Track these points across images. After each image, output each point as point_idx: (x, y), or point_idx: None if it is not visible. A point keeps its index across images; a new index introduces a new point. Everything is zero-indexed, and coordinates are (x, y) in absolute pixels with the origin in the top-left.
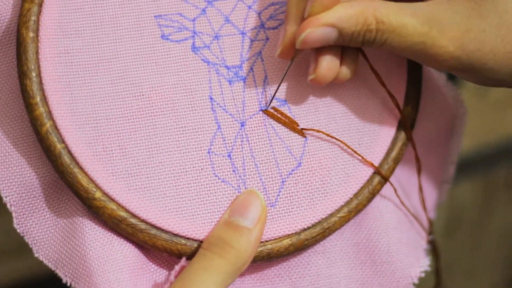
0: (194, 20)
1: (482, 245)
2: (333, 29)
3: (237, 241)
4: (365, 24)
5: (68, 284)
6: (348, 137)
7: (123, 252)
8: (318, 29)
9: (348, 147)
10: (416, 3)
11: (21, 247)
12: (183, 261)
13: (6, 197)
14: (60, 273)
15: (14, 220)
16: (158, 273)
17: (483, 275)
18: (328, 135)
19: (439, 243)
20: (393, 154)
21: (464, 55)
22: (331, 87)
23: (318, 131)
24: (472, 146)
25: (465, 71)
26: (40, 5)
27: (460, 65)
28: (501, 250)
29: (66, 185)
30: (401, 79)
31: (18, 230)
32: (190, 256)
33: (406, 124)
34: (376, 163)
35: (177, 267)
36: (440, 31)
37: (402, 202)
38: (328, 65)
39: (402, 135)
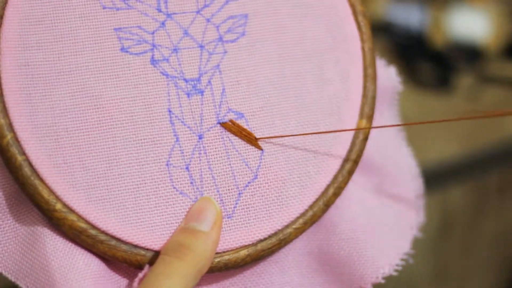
0: (153, 33)
1: (475, 249)
2: None
3: (194, 244)
4: None
5: None
6: (304, 150)
7: (85, 262)
8: None
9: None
10: None
11: None
12: (146, 268)
13: None
14: (21, 284)
15: None
16: (121, 282)
17: (476, 279)
18: (283, 136)
19: (432, 247)
20: (348, 166)
21: None
22: (287, 100)
23: (273, 137)
24: (464, 150)
25: None
26: (1, 17)
27: None
28: (494, 254)
29: (27, 197)
30: (357, 93)
31: None
32: (151, 265)
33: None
34: (331, 175)
35: (140, 274)
36: None
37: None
38: None
39: (357, 147)
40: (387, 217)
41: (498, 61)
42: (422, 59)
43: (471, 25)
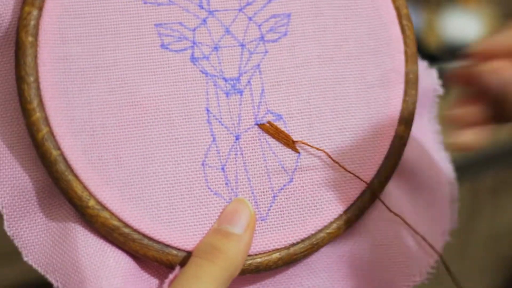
0: (194, 30)
1: (469, 250)
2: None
3: (227, 247)
4: None
5: None
6: (342, 154)
7: (116, 260)
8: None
9: (339, 164)
10: None
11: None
12: (177, 269)
13: None
14: (50, 278)
15: (5, 223)
16: (151, 282)
17: (471, 280)
18: (318, 149)
19: None
20: (385, 172)
21: None
22: (327, 103)
23: (314, 147)
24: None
25: None
26: (41, 9)
27: None
28: (488, 256)
29: (60, 192)
30: (398, 97)
31: (8, 233)
32: (182, 266)
33: (397, 143)
34: (368, 180)
35: (171, 276)
36: None
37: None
38: (471, 140)
39: (395, 153)
40: (420, 223)
41: None
42: None
43: (465, 27)
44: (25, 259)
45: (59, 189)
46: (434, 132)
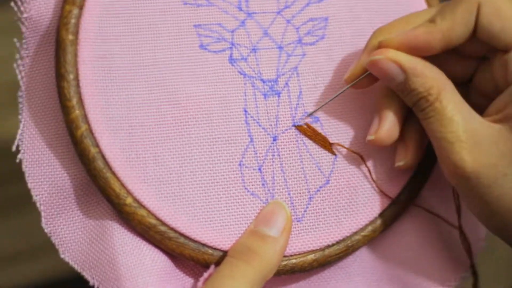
0: (233, 31)
1: (496, 252)
2: (403, 74)
3: (262, 249)
4: (428, 91)
5: (95, 287)
6: (377, 156)
7: (152, 258)
8: (390, 63)
9: (369, 171)
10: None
11: (33, 251)
12: (211, 268)
13: (36, 195)
14: (87, 275)
15: (43, 220)
16: (185, 281)
17: (498, 281)
18: (353, 151)
19: None
20: (420, 176)
21: (475, 180)
22: (365, 111)
23: (351, 150)
24: None
25: (466, 195)
26: (81, 8)
27: (465, 184)
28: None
29: (98, 189)
30: None
31: (45, 230)
32: (217, 265)
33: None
34: (402, 184)
35: (205, 274)
36: (473, 148)
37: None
38: (389, 130)
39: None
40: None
41: None
42: None
43: None
44: (62, 256)
45: (97, 187)
46: None
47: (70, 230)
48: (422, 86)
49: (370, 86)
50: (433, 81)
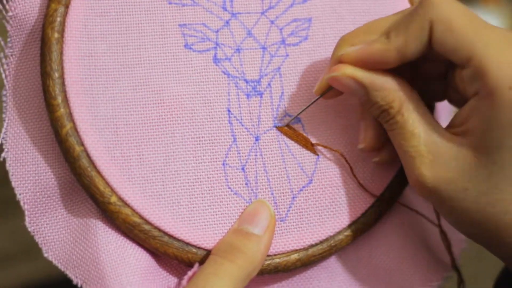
0: (217, 31)
1: (486, 253)
2: (362, 89)
3: (246, 247)
4: (389, 104)
5: (79, 286)
6: (360, 158)
7: (136, 256)
8: (348, 79)
9: (352, 171)
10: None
11: (28, 251)
12: (196, 267)
13: (20, 194)
14: (70, 274)
15: (26, 219)
16: (170, 279)
17: (488, 282)
18: (333, 150)
19: None
20: (404, 176)
21: (437, 195)
22: (346, 112)
23: (329, 148)
24: None
25: (434, 206)
26: (67, 7)
27: (429, 197)
28: None
29: (82, 188)
30: None
31: (29, 229)
32: (201, 264)
33: None
34: (386, 183)
35: (190, 273)
36: (433, 163)
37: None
38: (375, 135)
39: None
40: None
41: None
42: None
43: None
44: (45, 255)
45: (82, 185)
46: None
47: (54, 229)
48: (383, 100)
49: (339, 96)
50: (394, 93)
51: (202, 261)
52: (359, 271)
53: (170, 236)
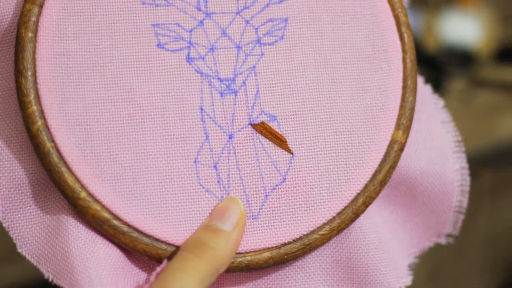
0: (191, 31)
1: (468, 251)
2: None
3: (214, 242)
4: None
5: (50, 280)
6: (335, 156)
7: (106, 251)
8: None
9: None
10: None
11: (13, 253)
12: (164, 262)
13: None
14: (42, 268)
15: (0, 215)
16: (140, 275)
17: (470, 281)
18: (280, 136)
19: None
20: (380, 176)
21: None
22: (322, 106)
23: (278, 133)
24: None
25: None
26: (41, 7)
27: None
28: (487, 256)
29: (53, 183)
30: (395, 103)
31: (4, 225)
32: (170, 259)
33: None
34: (362, 184)
35: (158, 268)
36: None
37: None
38: None
39: (391, 158)
40: (413, 229)
41: (489, 65)
42: None
43: (463, 30)
44: (19, 250)
45: (52, 181)
46: (448, 136)
47: (28, 225)
48: None
49: None
50: None
51: (171, 257)
52: (337, 272)
53: (140, 232)
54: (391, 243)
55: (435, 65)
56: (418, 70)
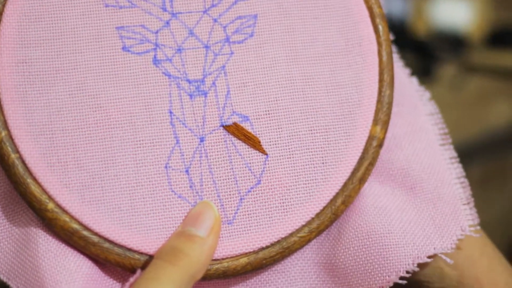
0: (157, 32)
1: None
2: None
3: (189, 249)
4: None
5: None
6: (312, 155)
7: (77, 264)
8: None
9: None
10: None
11: None
12: (138, 272)
13: None
14: (12, 284)
15: None
16: (114, 286)
17: None
18: (253, 136)
19: None
20: (359, 174)
21: None
22: (296, 104)
23: (251, 134)
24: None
25: None
26: (1, 14)
27: None
28: None
29: (20, 196)
30: (371, 98)
31: None
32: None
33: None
34: (341, 183)
35: (131, 279)
36: None
37: None
38: None
39: (369, 154)
40: (416, 222)
41: (481, 50)
42: (404, 48)
43: (454, 14)
44: None
45: (18, 193)
46: (434, 128)
47: None
48: None
49: None
50: None
51: (144, 267)
52: (320, 274)
53: (111, 242)
54: (373, 242)
55: (425, 50)
56: (409, 56)
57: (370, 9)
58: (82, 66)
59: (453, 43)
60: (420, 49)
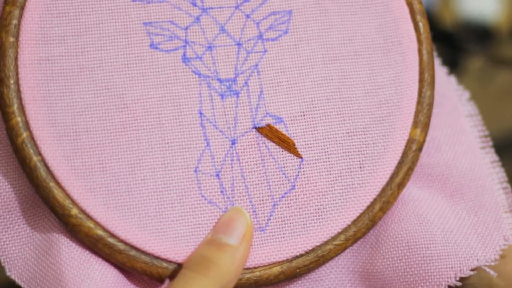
0: (186, 28)
1: None
2: None
3: (220, 258)
4: None
5: None
6: (349, 159)
7: (102, 272)
8: None
9: None
10: None
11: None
12: (166, 283)
13: None
14: None
15: None
16: None
17: None
18: (288, 139)
19: None
20: (397, 179)
21: None
22: (332, 105)
23: (286, 137)
24: None
25: None
26: (22, 9)
27: None
28: None
29: (42, 200)
30: (411, 100)
31: None
32: (173, 279)
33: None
34: (379, 189)
35: None
36: None
37: None
38: None
39: (408, 158)
40: (445, 234)
41: (510, 42)
42: None
43: (482, 4)
44: (8, 273)
45: (40, 197)
46: (474, 130)
47: (17, 246)
48: None
49: None
50: None
51: (173, 276)
52: (355, 284)
53: (138, 249)
54: (413, 251)
55: (451, 42)
56: (435, 48)
57: (410, 5)
58: (107, 64)
59: (480, 34)
60: (446, 41)
